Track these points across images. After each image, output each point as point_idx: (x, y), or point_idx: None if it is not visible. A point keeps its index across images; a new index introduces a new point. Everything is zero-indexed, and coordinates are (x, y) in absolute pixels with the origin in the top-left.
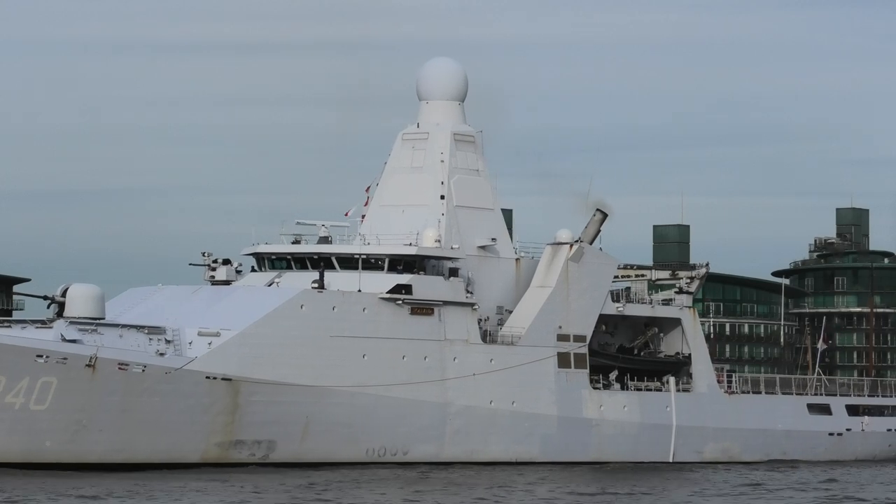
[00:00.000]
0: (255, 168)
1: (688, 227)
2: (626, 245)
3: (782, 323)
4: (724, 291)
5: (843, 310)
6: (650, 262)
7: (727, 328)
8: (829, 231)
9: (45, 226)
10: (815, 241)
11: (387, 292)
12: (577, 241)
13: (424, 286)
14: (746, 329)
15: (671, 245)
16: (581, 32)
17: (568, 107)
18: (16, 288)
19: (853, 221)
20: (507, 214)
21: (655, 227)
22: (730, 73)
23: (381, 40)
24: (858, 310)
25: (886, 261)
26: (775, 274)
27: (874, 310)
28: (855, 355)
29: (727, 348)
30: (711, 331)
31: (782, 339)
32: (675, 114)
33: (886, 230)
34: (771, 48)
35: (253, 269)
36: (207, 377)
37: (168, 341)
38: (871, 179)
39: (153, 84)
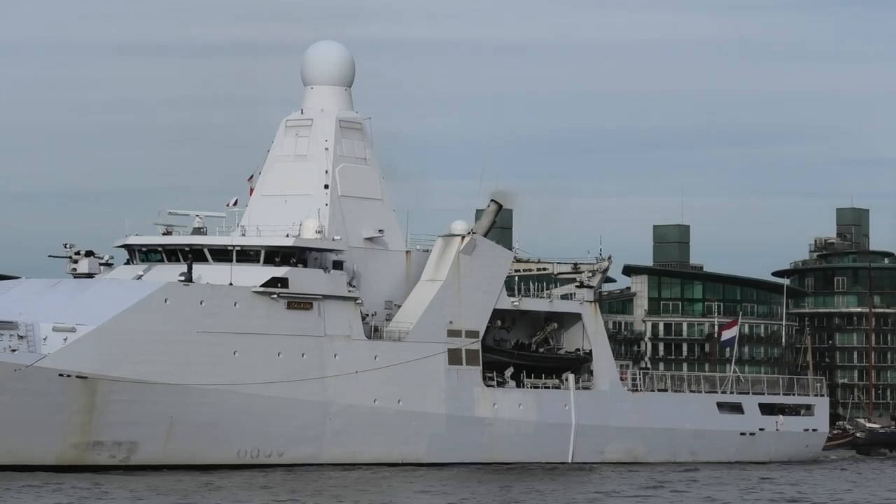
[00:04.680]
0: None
1: (688, 227)
2: (626, 245)
3: (784, 323)
4: (724, 291)
5: (843, 310)
6: (650, 263)
7: None
8: (829, 231)
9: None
10: (815, 241)
11: (261, 286)
12: (470, 233)
13: (302, 279)
14: (746, 329)
15: (671, 245)
16: (583, 33)
17: (566, 107)
18: None
19: (853, 221)
20: (508, 214)
21: (655, 227)
22: (730, 73)
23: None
24: (858, 310)
25: (886, 261)
26: (775, 274)
27: (874, 310)
28: (855, 355)
29: (727, 348)
30: (712, 331)
31: (783, 340)
32: (674, 114)
33: (886, 230)
34: (771, 48)
35: (127, 263)
36: (61, 375)
37: (21, 337)
38: (871, 179)
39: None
